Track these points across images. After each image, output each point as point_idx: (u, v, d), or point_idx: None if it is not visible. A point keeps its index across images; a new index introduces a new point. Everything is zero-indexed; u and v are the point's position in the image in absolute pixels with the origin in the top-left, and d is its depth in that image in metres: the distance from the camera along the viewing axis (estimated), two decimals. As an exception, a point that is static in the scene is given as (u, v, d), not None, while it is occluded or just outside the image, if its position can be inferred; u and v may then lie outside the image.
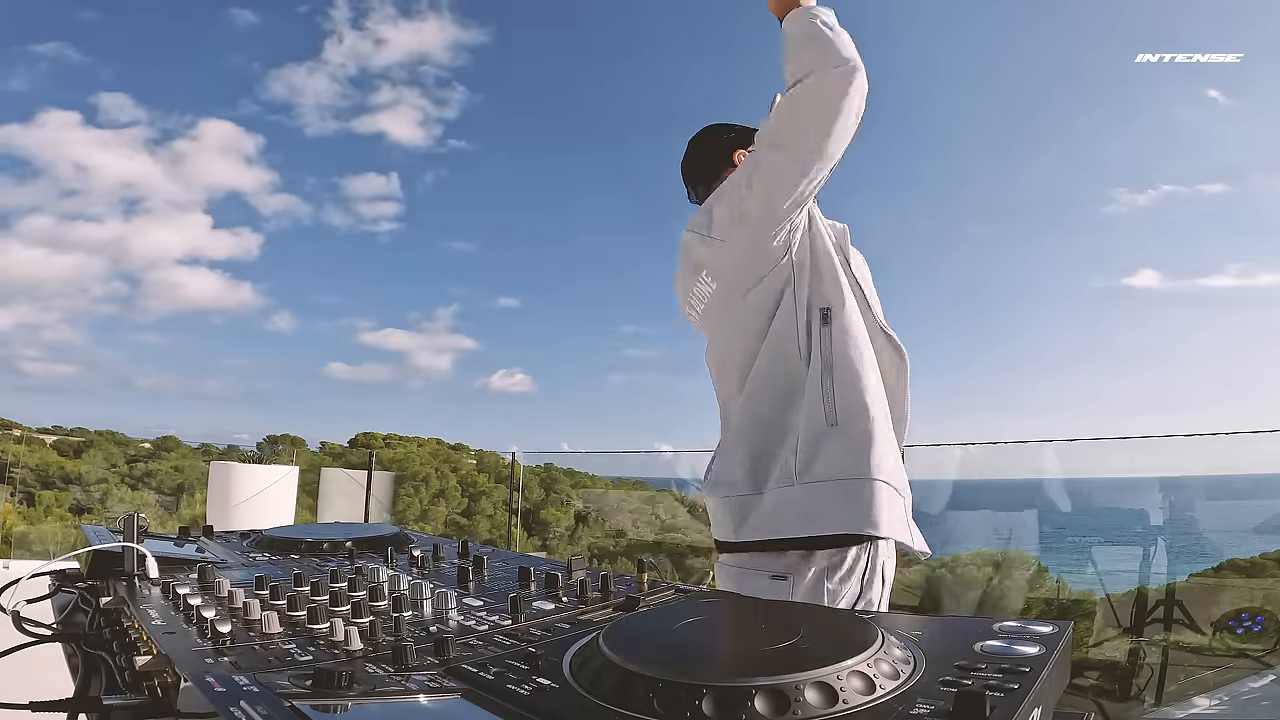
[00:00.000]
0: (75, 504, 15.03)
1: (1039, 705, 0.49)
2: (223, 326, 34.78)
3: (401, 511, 12.12)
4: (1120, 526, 5.01)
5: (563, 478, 14.61)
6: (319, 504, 8.79)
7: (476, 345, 37.30)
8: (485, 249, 37.52)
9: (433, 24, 30.55)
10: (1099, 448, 4.91)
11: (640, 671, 0.52)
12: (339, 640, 0.69)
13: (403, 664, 0.61)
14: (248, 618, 0.78)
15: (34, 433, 17.77)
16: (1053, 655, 0.55)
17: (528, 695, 0.54)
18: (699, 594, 0.93)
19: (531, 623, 0.77)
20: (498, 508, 14.18)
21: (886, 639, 0.57)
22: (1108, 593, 4.41)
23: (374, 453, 11.17)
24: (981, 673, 0.52)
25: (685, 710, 0.47)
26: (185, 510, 14.11)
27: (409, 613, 0.81)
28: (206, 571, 0.98)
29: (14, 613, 0.94)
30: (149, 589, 0.96)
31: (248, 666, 0.63)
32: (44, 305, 31.02)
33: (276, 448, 19.16)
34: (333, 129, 30.57)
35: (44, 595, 1.14)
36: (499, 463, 15.10)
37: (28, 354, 29.11)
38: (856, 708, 0.48)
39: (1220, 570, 4.48)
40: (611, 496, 12.93)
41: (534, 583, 0.96)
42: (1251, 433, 4.37)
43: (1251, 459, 4.49)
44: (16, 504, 13.32)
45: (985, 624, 0.63)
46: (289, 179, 31.56)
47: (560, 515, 13.59)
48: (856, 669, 0.51)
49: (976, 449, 5.41)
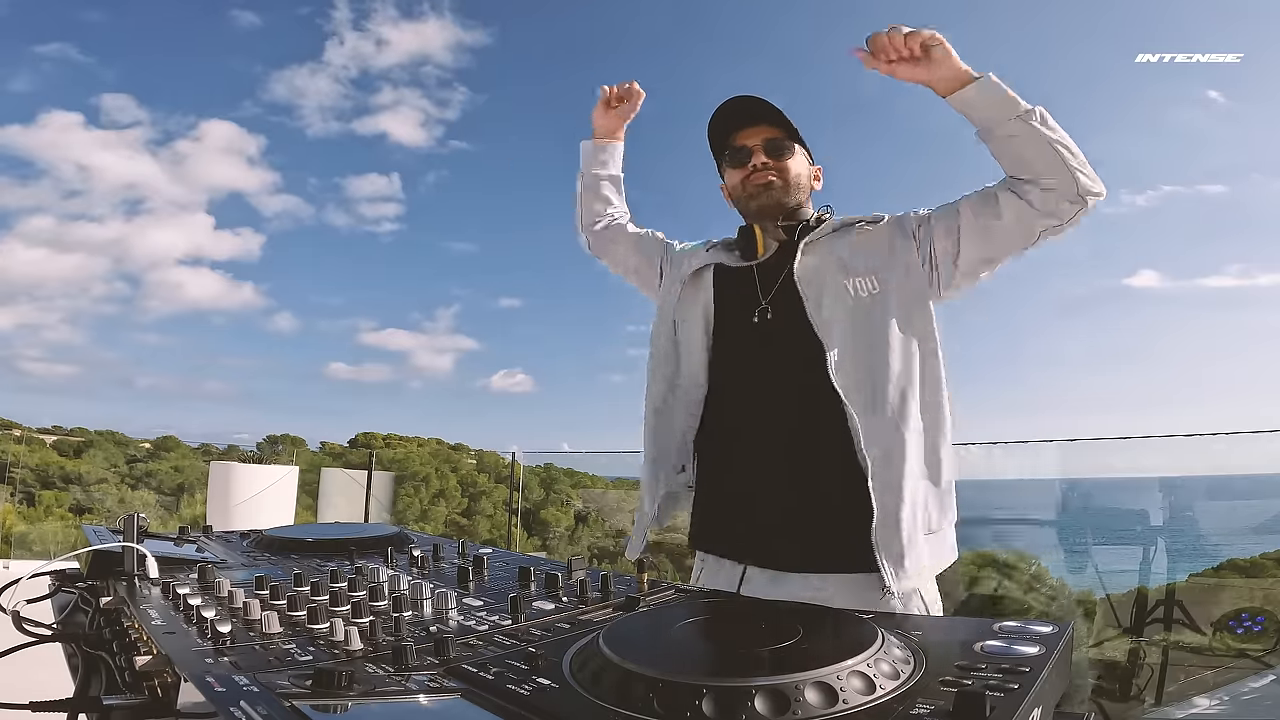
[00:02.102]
0: (75, 504, 15.03)
1: (1039, 705, 0.49)
2: (223, 327, 34.85)
3: (401, 511, 12.12)
4: (1120, 526, 5.00)
5: (563, 478, 14.62)
6: (319, 504, 8.79)
7: (477, 345, 37.33)
8: (486, 249, 37.58)
9: (434, 25, 30.60)
10: (1099, 448, 4.91)
11: (640, 671, 0.52)
12: (339, 640, 0.69)
13: (403, 664, 0.61)
14: (248, 618, 0.78)
15: (34, 433, 17.77)
16: (1053, 655, 0.55)
17: (528, 695, 0.54)
18: (699, 594, 0.93)
19: (531, 623, 0.77)
20: (498, 508, 14.19)
21: (886, 639, 0.57)
22: (1108, 593, 4.41)
23: (374, 453, 11.17)
24: (981, 673, 0.52)
25: (685, 710, 0.47)
26: (185, 510, 14.12)
27: (409, 613, 0.81)
28: (206, 571, 0.98)
29: (14, 613, 0.94)
30: (149, 589, 0.96)
31: (248, 666, 0.63)
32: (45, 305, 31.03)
33: (276, 448, 19.16)
34: (334, 130, 30.65)
35: (44, 595, 1.14)
36: (499, 463, 15.11)
37: (29, 354, 29.14)
38: (856, 708, 0.48)
39: (1220, 570, 4.48)
40: (611, 496, 12.93)
41: (534, 583, 0.96)
42: (1251, 433, 4.37)
43: (1251, 459, 4.49)
44: (16, 504, 13.32)
45: (985, 624, 0.63)
46: (291, 180, 31.65)
47: (560, 515, 13.59)
48: (856, 669, 0.51)
49: (976, 449, 5.41)
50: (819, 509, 1.25)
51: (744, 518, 1.31)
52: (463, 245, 37.19)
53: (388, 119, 30.76)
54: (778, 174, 1.42)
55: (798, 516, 1.25)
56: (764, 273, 1.39)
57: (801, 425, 1.28)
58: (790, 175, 1.42)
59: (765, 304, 1.35)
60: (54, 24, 26.58)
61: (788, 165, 1.42)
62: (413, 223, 33.66)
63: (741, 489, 1.33)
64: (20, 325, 27.78)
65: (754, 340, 1.35)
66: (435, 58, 30.19)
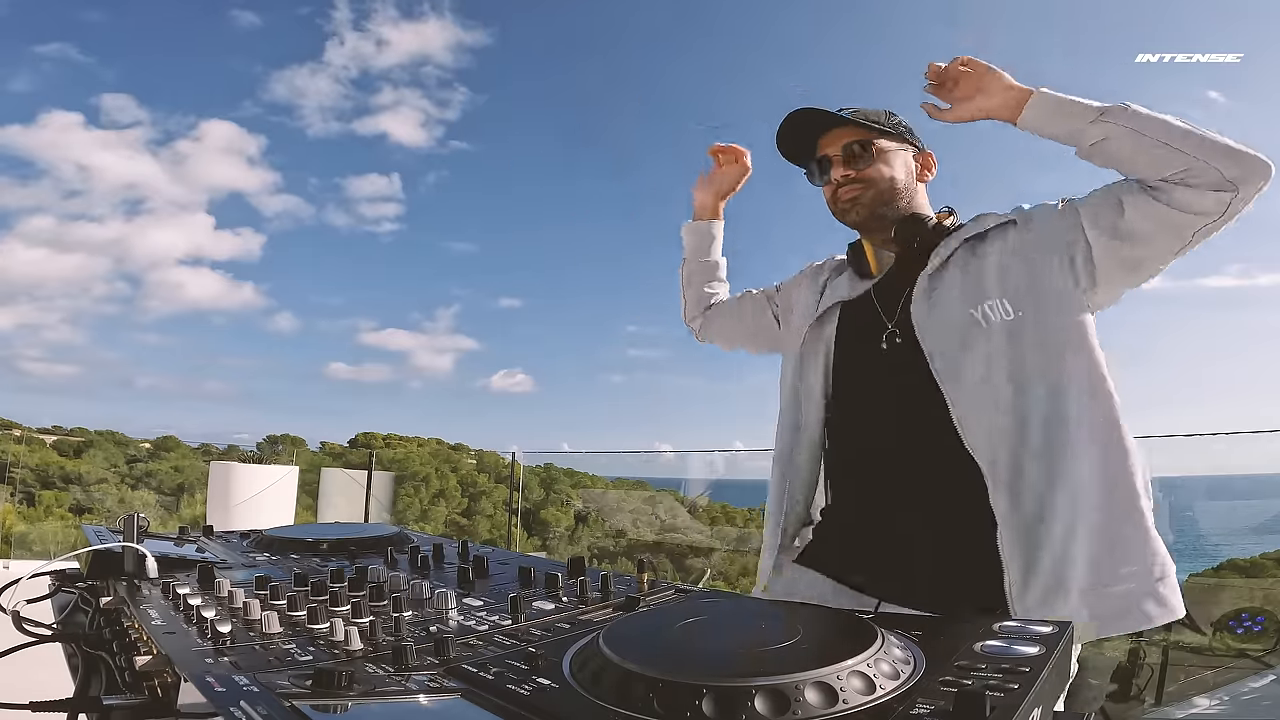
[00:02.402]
0: (75, 504, 15.03)
1: (1039, 705, 0.49)
2: (224, 326, 34.90)
3: (401, 511, 12.13)
4: (1120, 526, 4.99)
5: (563, 478, 14.63)
6: (319, 504, 8.79)
7: (477, 345, 37.41)
8: (486, 249, 37.66)
9: (434, 25, 30.62)
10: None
11: (640, 671, 0.52)
12: (339, 640, 0.69)
13: (403, 664, 0.61)
14: (248, 618, 0.77)
15: (34, 433, 17.78)
16: (1053, 655, 0.55)
17: (528, 695, 0.54)
18: (699, 594, 0.93)
19: (531, 623, 0.77)
20: (498, 508, 14.19)
21: (886, 639, 0.57)
22: (1108, 593, 4.40)
23: (374, 453, 11.16)
24: (981, 673, 0.52)
25: (685, 710, 0.47)
26: (185, 510, 14.12)
27: (409, 613, 0.81)
28: (206, 571, 0.98)
29: (14, 613, 0.94)
30: (149, 589, 0.96)
31: (248, 666, 0.63)
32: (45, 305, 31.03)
33: (276, 448, 19.17)
34: (334, 130, 30.70)
35: (44, 595, 1.14)
36: (499, 463, 15.12)
37: (29, 354, 29.16)
38: (856, 708, 0.48)
39: (1220, 570, 4.48)
40: (611, 496, 12.94)
41: (534, 583, 0.96)
42: (1252, 433, 4.37)
43: (1251, 459, 4.49)
44: (16, 504, 13.32)
45: (985, 624, 0.63)
46: (291, 180, 31.70)
47: (560, 515, 13.59)
48: (856, 669, 0.51)
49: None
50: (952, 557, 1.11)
51: (888, 556, 1.17)
52: (463, 245, 37.39)
53: (388, 119, 30.91)
54: (863, 185, 1.26)
55: (932, 562, 1.12)
56: (883, 293, 1.26)
57: (932, 475, 1.15)
58: (881, 182, 1.26)
59: (892, 327, 1.21)
60: (54, 24, 26.63)
61: (874, 173, 1.26)
62: (413, 223, 33.85)
63: (871, 522, 1.22)
64: (20, 325, 27.86)
65: (882, 370, 1.21)
66: (435, 58, 30.30)
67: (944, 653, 0.57)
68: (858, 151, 1.27)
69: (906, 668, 0.54)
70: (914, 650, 0.57)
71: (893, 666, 0.53)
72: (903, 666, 0.53)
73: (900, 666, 0.53)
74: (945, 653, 0.57)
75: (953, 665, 0.54)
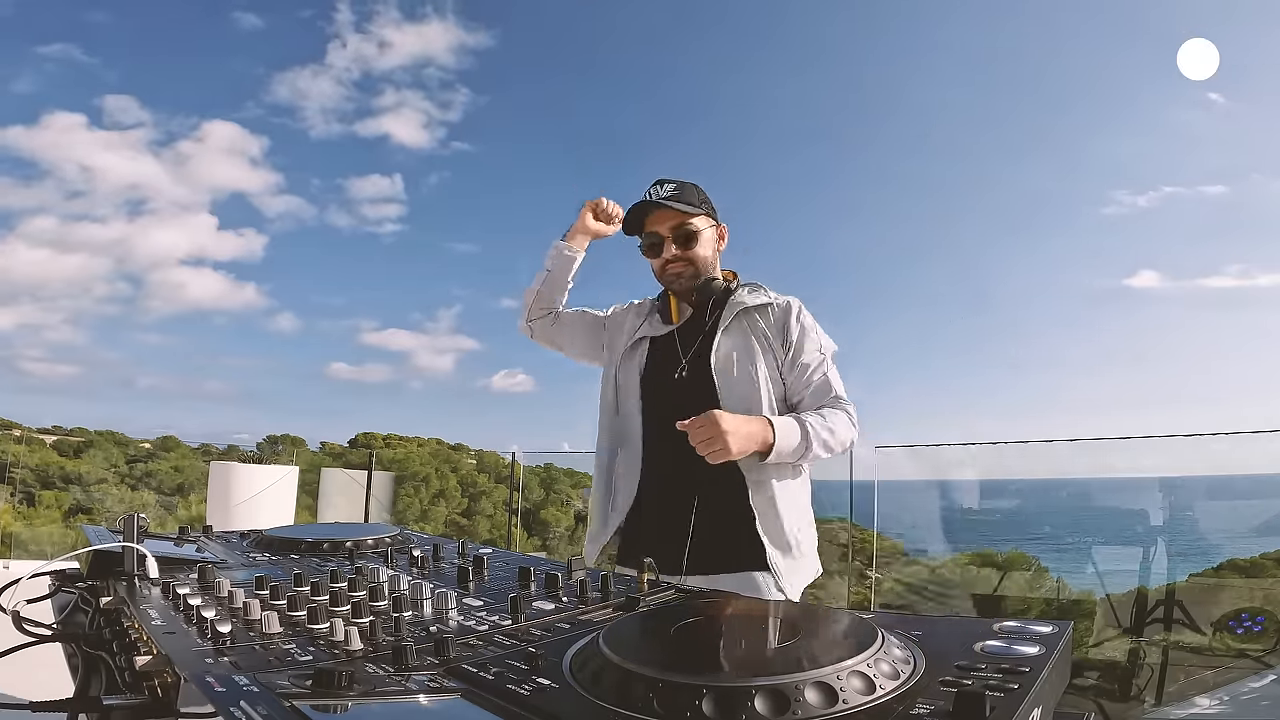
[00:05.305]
0: (75, 504, 15.02)
1: (1039, 705, 0.49)
2: (225, 327, 34.85)
3: (401, 511, 12.11)
4: (1120, 526, 5.00)
5: (563, 478, 14.59)
6: (319, 504, 8.78)
7: (478, 345, 37.38)
8: (488, 250, 37.64)
9: (436, 27, 30.61)
10: (1099, 448, 4.90)
11: (640, 671, 0.52)
12: (339, 640, 0.69)
13: (403, 664, 0.61)
14: (248, 618, 0.77)
15: (34, 433, 17.75)
16: (1053, 655, 0.55)
17: (528, 695, 0.54)
18: (699, 594, 0.93)
19: (531, 623, 0.77)
20: (498, 508, 14.17)
21: (886, 639, 0.57)
22: (1108, 593, 4.41)
23: (374, 453, 11.15)
24: (981, 673, 0.52)
25: (685, 710, 0.47)
26: (185, 510, 14.09)
27: (409, 613, 0.81)
28: (206, 571, 0.98)
29: (14, 613, 0.94)
30: (149, 589, 0.96)
31: (248, 666, 0.63)
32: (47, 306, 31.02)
33: (276, 448, 19.15)
34: (337, 131, 30.67)
35: (44, 595, 1.13)
36: (499, 463, 15.08)
37: (30, 354, 29.12)
38: (856, 708, 0.48)
39: (1220, 570, 4.47)
40: (611, 497, 12.80)
41: (534, 583, 0.96)
42: (1252, 433, 4.36)
43: (1251, 459, 4.48)
44: (16, 504, 13.30)
45: (985, 624, 0.63)
46: (293, 180, 31.66)
47: (560, 515, 13.57)
48: (856, 669, 0.51)
49: (977, 449, 5.41)
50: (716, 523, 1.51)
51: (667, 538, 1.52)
52: (464, 246, 37.29)
53: (390, 121, 30.83)
54: (686, 263, 1.65)
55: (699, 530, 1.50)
56: (683, 336, 1.67)
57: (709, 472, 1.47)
58: (700, 261, 1.66)
59: (685, 363, 1.63)
60: (57, 25, 26.52)
61: (696, 254, 1.65)
62: (414, 223, 33.77)
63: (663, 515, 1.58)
64: (22, 325, 27.80)
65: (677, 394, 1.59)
66: (438, 59, 30.23)
67: (944, 653, 0.57)
68: (687, 233, 1.65)
69: (906, 668, 0.54)
70: (914, 650, 0.57)
71: (893, 666, 0.53)
72: (903, 666, 0.53)
73: (900, 666, 0.53)
74: (945, 653, 0.57)
75: (953, 665, 0.54)
